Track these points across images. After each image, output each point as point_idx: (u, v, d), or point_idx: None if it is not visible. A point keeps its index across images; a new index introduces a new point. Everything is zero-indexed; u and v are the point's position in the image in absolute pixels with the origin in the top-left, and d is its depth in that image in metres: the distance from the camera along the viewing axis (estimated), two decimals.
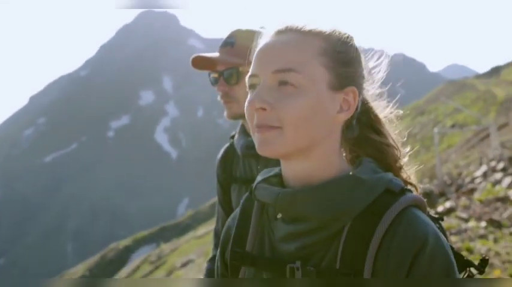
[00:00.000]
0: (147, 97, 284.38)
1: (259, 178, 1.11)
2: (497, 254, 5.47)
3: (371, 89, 1.09)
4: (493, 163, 12.70)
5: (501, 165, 11.59)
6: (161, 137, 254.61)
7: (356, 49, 1.04)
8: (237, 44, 1.80)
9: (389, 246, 0.92)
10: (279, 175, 1.08)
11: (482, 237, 6.20)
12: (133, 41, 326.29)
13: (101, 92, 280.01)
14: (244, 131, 1.95)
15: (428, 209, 1.05)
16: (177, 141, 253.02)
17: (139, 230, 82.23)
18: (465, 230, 6.58)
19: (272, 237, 1.05)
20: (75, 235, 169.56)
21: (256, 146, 0.98)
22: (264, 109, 0.95)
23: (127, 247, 62.81)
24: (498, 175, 10.47)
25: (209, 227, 44.44)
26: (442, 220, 1.12)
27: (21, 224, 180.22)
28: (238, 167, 1.99)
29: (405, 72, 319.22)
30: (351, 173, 1.00)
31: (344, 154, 1.08)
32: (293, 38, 0.98)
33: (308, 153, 0.99)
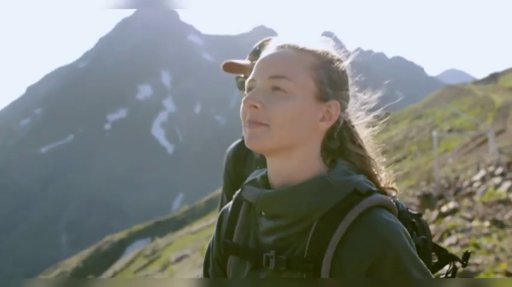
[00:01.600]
0: (145, 91, 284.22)
1: (248, 178, 1.24)
2: (502, 250, 5.95)
3: (354, 111, 1.19)
4: (491, 168, 12.99)
5: (499, 170, 11.92)
6: (158, 132, 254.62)
7: (343, 71, 1.16)
8: None
9: (352, 242, 1.02)
10: (265, 177, 1.20)
11: (487, 235, 6.67)
12: (132, 34, 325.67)
13: (99, 85, 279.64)
14: None
15: (407, 206, 1.09)
16: (173, 136, 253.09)
17: (134, 223, 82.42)
18: (470, 229, 7.09)
19: (257, 231, 1.18)
20: (70, 226, 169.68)
21: (246, 140, 1.11)
22: (256, 107, 1.08)
23: (122, 240, 62.95)
24: (497, 180, 10.84)
25: (204, 223, 44.60)
26: (421, 215, 1.21)
27: (16, 213, 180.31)
28: (251, 166, 2.04)
29: (403, 75, 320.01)
30: (323, 175, 1.10)
31: (325, 161, 1.16)
32: (290, 52, 1.12)
33: (289, 152, 1.11)
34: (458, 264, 1.19)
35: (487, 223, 7.25)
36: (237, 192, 1.29)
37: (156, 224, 64.80)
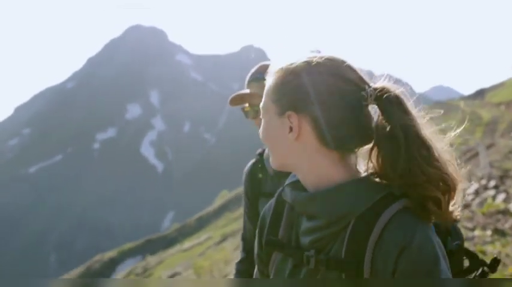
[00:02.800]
0: (133, 111, 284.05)
1: (289, 179, 1.30)
2: (508, 255, 6.31)
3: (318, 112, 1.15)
4: (483, 181, 13.30)
5: (492, 183, 12.24)
6: (147, 151, 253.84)
7: (297, 78, 1.17)
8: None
9: (386, 242, 1.06)
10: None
11: (490, 243, 7.03)
12: (121, 55, 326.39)
13: (87, 105, 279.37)
14: None
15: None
16: (163, 155, 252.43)
17: (124, 242, 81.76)
18: (472, 238, 7.42)
19: (298, 230, 1.24)
20: (59, 246, 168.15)
21: None
22: None
23: (112, 259, 62.53)
24: (491, 192, 11.20)
25: (195, 240, 44.51)
26: (457, 222, 1.21)
27: (5, 234, 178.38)
28: (267, 183, 2.17)
29: None
30: (355, 179, 1.16)
31: (363, 166, 1.21)
32: (267, 80, 1.24)
33: (295, 167, 1.21)
34: (486, 269, 1.23)
35: (489, 232, 7.54)
36: (279, 191, 1.34)
37: (147, 243, 64.48)
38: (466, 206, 11.56)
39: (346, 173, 1.18)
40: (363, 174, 1.19)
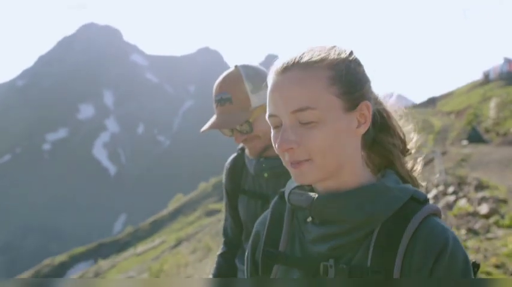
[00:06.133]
0: (86, 111, 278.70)
1: (290, 185, 1.21)
2: (486, 249, 7.12)
3: (376, 91, 1.17)
4: (440, 188, 13.85)
5: (451, 189, 12.80)
6: (100, 152, 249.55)
7: (359, 64, 1.11)
8: (234, 99, 1.92)
9: (413, 248, 1.02)
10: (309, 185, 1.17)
11: (466, 241, 7.77)
12: (74, 53, 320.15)
13: (38, 104, 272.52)
14: None
15: None
16: (116, 157, 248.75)
17: (73, 246, 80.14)
18: None
19: (302, 239, 1.15)
20: (5, 249, 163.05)
21: (294, 179, 1.09)
22: (292, 148, 1.05)
23: (63, 263, 61.37)
24: (451, 197, 11.70)
25: (149, 244, 44.16)
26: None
27: None
28: (247, 181, 2.13)
29: None
30: (378, 182, 1.10)
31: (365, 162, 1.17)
32: (301, 74, 1.04)
33: (338, 173, 1.09)
34: None
35: (463, 231, 8.28)
36: (274, 200, 1.27)
37: (99, 246, 63.47)
38: None
39: (367, 173, 1.14)
40: (385, 174, 1.15)
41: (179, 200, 66.92)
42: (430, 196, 14.00)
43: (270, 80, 1.10)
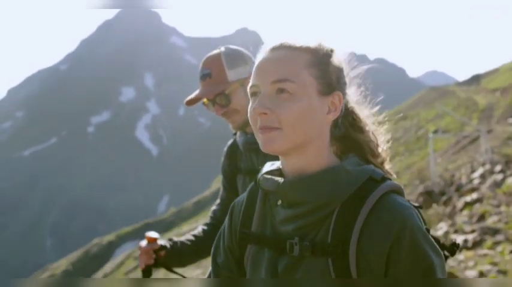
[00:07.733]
0: (128, 93, 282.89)
1: (263, 170, 1.30)
2: None
3: (352, 94, 1.27)
4: (487, 166, 13.81)
5: (498, 167, 12.75)
6: (142, 134, 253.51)
7: (338, 60, 1.22)
8: (213, 73, 2.13)
9: (373, 225, 1.09)
10: (279, 169, 1.27)
11: None
12: (114, 37, 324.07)
13: (81, 87, 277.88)
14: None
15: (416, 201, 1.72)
16: (158, 139, 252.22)
17: (119, 226, 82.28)
18: (500, 212, 8.55)
19: (273, 221, 1.24)
20: (54, 230, 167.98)
21: (260, 145, 1.16)
22: (265, 113, 1.13)
23: (111, 243, 63.07)
24: (498, 176, 11.65)
25: (193, 224, 44.91)
26: (421, 208, 1.25)
27: None
28: (242, 160, 2.29)
29: (385, 77, 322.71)
30: (339, 164, 1.18)
31: (332, 149, 1.25)
32: (286, 53, 1.17)
33: (304, 149, 1.17)
34: (446, 253, 1.24)
35: None
36: (251, 185, 1.35)
37: (145, 226, 64.72)
38: (474, 189, 12.12)
39: (332, 157, 1.21)
40: (347, 158, 1.22)
41: (220, 180, 67.79)
42: (476, 174, 14.04)
43: (259, 57, 1.21)
